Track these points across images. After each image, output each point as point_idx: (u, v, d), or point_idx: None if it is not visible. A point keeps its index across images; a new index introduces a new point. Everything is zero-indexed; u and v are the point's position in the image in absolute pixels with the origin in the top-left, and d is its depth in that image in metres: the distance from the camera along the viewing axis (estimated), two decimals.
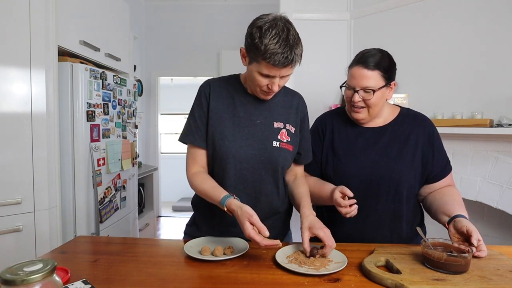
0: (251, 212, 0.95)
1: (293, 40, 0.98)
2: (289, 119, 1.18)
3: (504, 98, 1.95)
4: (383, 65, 1.13)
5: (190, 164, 1.17)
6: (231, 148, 1.10)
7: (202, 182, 1.10)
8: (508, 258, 0.95)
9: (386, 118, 1.24)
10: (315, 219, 1.02)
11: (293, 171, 1.26)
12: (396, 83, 1.18)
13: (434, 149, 1.20)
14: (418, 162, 1.19)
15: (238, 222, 0.96)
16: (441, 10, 2.23)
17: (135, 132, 2.63)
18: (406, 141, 1.19)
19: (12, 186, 1.62)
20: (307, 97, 1.32)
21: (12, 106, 1.62)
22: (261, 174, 1.13)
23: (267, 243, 0.91)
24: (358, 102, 1.15)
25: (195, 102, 1.17)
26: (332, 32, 2.79)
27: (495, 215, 2.12)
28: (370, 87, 1.12)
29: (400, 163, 1.17)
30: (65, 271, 0.87)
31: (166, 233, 4.32)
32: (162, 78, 4.97)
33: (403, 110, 1.27)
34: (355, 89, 1.14)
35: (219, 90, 1.16)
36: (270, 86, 1.04)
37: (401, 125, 1.22)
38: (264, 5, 3.76)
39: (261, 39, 0.96)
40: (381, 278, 0.83)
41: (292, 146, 1.17)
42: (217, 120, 1.13)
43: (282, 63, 0.97)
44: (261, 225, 0.93)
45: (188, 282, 0.86)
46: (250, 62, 1.04)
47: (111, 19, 2.40)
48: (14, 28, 1.61)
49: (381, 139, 1.21)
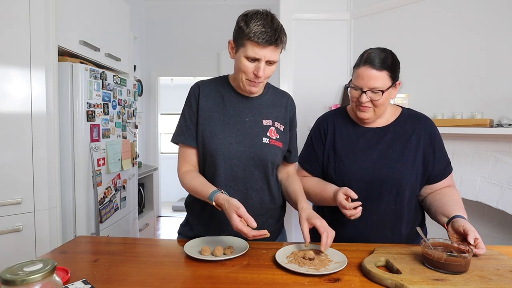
0: (238, 204, 0.97)
1: (277, 25, 1.03)
2: (278, 117, 1.20)
3: (504, 98, 1.95)
4: (390, 64, 1.13)
5: (181, 163, 1.20)
6: (221, 145, 1.12)
7: (191, 180, 1.12)
8: (508, 258, 0.95)
9: (388, 118, 1.24)
10: (312, 211, 1.05)
11: (285, 170, 1.28)
12: (400, 82, 1.18)
13: (435, 150, 1.20)
14: (419, 163, 1.18)
15: (226, 215, 0.98)
16: (441, 10, 2.23)
17: (135, 132, 2.63)
18: (407, 141, 1.19)
19: (12, 186, 1.62)
20: (307, 97, 1.33)
21: (12, 106, 1.62)
22: (251, 171, 1.15)
23: (254, 233, 0.94)
24: (366, 102, 1.14)
25: (185, 103, 1.20)
26: (332, 32, 2.79)
27: (495, 215, 2.12)
28: (378, 88, 1.11)
29: (401, 164, 1.17)
30: (65, 271, 0.87)
31: (166, 233, 4.32)
32: (162, 78, 4.97)
33: (404, 110, 1.27)
34: (363, 90, 1.13)
35: (209, 90, 1.19)
36: (256, 72, 1.05)
37: (402, 125, 1.22)
38: (264, 5, 3.74)
39: (246, 22, 1.02)
40: (381, 278, 0.83)
41: (281, 143, 1.19)
42: (206, 119, 1.15)
43: (266, 40, 1.00)
44: (248, 216, 0.95)
45: (188, 282, 0.86)
46: (237, 50, 1.08)
47: (111, 19, 2.40)
48: (14, 28, 1.61)
49: (383, 139, 1.20)
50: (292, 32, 2.72)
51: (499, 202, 1.92)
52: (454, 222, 1.01)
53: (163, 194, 5.21)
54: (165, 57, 4.61)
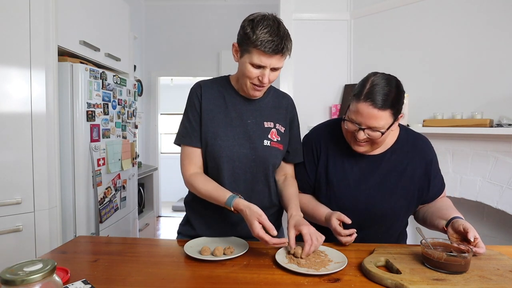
0: (260, 211, 0.97)
1: (283, 32, 1.02)
2: (279, 119, 1.20)
3: (504, 98, 1.96)
4: (393, 101, 1.01)
5: (186, 165, 1.16)
6: (224, 147, 1.12)
7: (203, 184, 1.11)
8: (508, 258, 0.96)
9: (385, 144, 1.16)
10: (301, 219, 1.04)
11: (283, 171, 1.27)
12: (403, 114, 1.08)
13: (430, 178, 1.16)
14: (414, 193, 1.16)
15: (246, 221, 0.98)
16: (441, 10, 2.23)
17: (135, 132, 2.63)
18: (402, 172, 1.14)
19: (12, 186, 1.62)
20: (307, 97, 1.32)
21: (12, 106, 1.61)
22: (253, 173, 1.15)
23: (275, 241, 0.93)
24: (363, 139, 1.05)
25: (188, 104, 1.19)
26: (332, 32, 2.79)
27: (495, 215, 2.12)
28: (378, 128, 1.02)
29: (395, 197, 1.14)
30: (65, 271, 0.87)
31: (166, 233, 4.32)
32: (162, 78, 4.97)
33: (402, 134, 1.19)
34: (361, 127, 1.03)
35: (210, 91, 1.18)
36: (261, 78, 1.05)
37: (399, 153, 1.16)
38: (264, 5, 3.75)
39: (253, 29, 1.00)
40: (381, 278, 0.83)
41: (282, 145, 1.18)
42: (209, 120, 1.14)
43: (273, 49, 0.99)
44: (270, 225, 0.95)
45: (188, 282, 0.86)
46: (242, 55, 1.06)
47: (111, 19, 2.40)
48: (14, 28, 1.61)
49: (378, 169, 1.15)
50: (292, 32, 2.70)
51: (499, 202, 1.92)
52: (454, 223, 1.01)
53: (163, 194, 5.21)
54: (165, 57, 4.61)
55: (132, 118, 2.55)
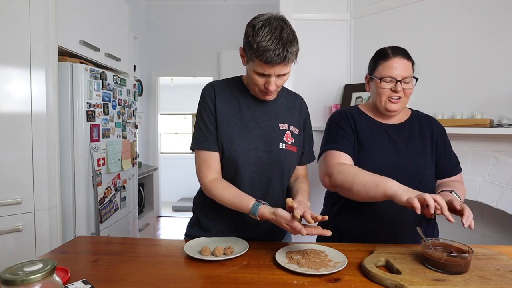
0: (286, 215, 0.94)
1: (286, 37, 0.96)
2: (292, 120, 1.18)
3: (504, 98, 1.95)
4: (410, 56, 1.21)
5: (204, 171, 1.12)
6: (240, 151, 1.09)
7: (223, 191, 1.08)
8: (508, 258, 0.96)
9: (400, 118, 1.28)
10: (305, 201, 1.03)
11: (296, 172, 1.25)
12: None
13: (446, 146, 1.26)
14: (435, 157, 1.23)
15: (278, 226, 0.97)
16: (441, 10, 2.23)
17: (135, 132, 2.63)
18: (425, 136, 1.24)
19: (12, 186, 1.62)
20: (307, 97, 1.32)
21: (12, 106, 1.61)
22: (268, 176, 1.13)
23: (317, 232, 0.91)
24: (400, 92, 1.16)
25: (201, 106, 1.14)
26: (332, 32, 2.79)
27: (495, 215, 2.12)
28: (410, 76, 1.17)
29: (422, 157, 1.21)
30: (65, 271, 0.87)
31: (166, 233, 4.32)
32: (162, 78, 4.96)
33: (414, 111, 1.32)
34: (397, 79, 1.16)
35: (224, 93, 1.15)
36: (266, 86, 1.04)
37: (416, 123, 1.27)
38: (264, 5, 3.76)
39: (254, 37, 0.96)
40: (381, 278, 0.83)
41: (296, 148, 1.17)
42: (224, 124, 1.11)
43: (274, 60, 0.95)
44: (296, 225, 0.92)
45: (188, 282, 0.86)
46: (247, 62, 1.05)
47: (111, 19, 2.40)
48: (14, 28, 1.61)
49: (402, 134, 1.24)
50: None
51: (499, 202, 1.92)
52: (444, 193, 1.07)
53: (163, 194, 5.21)
54: (165, 57, 4.61)
55: (132, 118, 2.55)
